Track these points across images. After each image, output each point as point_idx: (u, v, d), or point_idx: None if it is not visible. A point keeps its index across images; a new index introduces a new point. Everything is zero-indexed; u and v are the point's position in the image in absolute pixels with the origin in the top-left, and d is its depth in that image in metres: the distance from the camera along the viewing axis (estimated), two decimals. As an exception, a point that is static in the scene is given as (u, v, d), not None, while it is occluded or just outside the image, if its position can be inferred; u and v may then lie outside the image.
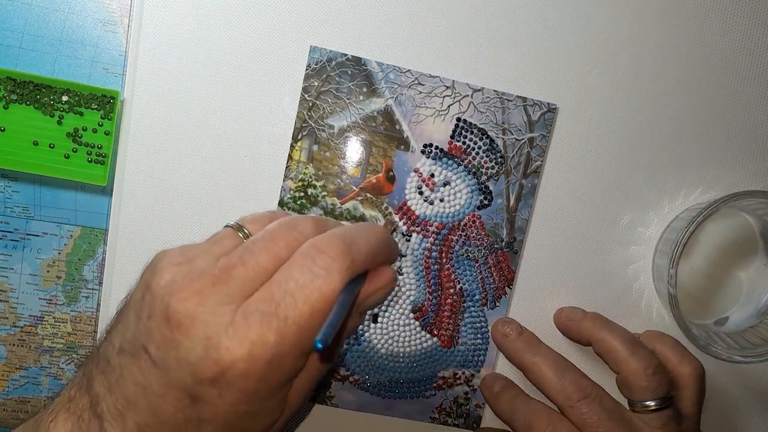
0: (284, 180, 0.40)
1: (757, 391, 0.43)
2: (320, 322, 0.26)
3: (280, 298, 0.25)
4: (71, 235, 0.41)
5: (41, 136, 0.38)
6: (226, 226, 0.30)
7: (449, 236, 0.41)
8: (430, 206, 0.40)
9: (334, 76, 0.39)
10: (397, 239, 0.40)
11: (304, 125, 0.40)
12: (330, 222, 0.30)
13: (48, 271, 0.41)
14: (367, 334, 0.41)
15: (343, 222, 0.37)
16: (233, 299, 0.26)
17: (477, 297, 0.41)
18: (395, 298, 0.41)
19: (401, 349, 0.41)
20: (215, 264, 0.27)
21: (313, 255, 0.26)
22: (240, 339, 0.25)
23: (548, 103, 0.40)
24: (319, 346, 0.24)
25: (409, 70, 0.40)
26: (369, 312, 0.40)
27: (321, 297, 0.25)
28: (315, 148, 0.40)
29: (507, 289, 0.41)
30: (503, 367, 0.41)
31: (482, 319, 0.41)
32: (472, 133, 0.40)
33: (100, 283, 0.41)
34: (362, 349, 0.41)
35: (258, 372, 0.25)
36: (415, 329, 0.41)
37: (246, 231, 0.29)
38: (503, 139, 0.40)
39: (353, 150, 0.40)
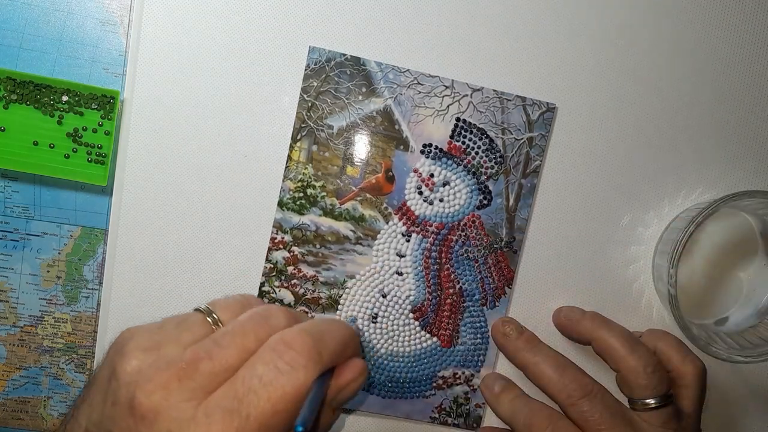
0: (283, 180, 0.40)
1: (757, 391, 0.43)
2: (283, 420, 0.26)
3: (243, 395, 0.25)
4: (71, 235, 0.41)
5: (41, 136, 0.38)
6: (196, 309, 0.30)
7: (449, 236, 0.41)
8: (430, 206, 0.40)
9: (333, 76, 0.39)
10: (360, 329, 0.40)
11: (303, 125, 0.40)
12: (302, 314, 0.29)
13: (48, 271, 0.41)
14: (366, 334, 0.40)
15: (313, 315, 0.39)
16: (197, 395, 0.26)
17: (476, 297, 0.41)
18: (395, 298, 0.41)
19: (401, 349, 0.41)
20: (182, 354, 0.27)
21: (280, 350, 0.26)
22: None
23: (547, 103, 0.40)
24: (300, 429, 0.25)
25: (408, 70, 0.40)
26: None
27: (284, 396, 0.26)
28: (314, 148, 0.40)
29: (506, 288, 0.41)
30: (503, 366, 0.41)
31: (482, 318, 0.41)
32: (471, 132, 0.40)
33: (100, 283, 0.41)
34: (362, 349, 0.41)
35: None
36: (414, 329, 0.41)
37: (216, 317, 0.29)
38: (502, 138, 0.40)
39: (352, 150, 0.40)
